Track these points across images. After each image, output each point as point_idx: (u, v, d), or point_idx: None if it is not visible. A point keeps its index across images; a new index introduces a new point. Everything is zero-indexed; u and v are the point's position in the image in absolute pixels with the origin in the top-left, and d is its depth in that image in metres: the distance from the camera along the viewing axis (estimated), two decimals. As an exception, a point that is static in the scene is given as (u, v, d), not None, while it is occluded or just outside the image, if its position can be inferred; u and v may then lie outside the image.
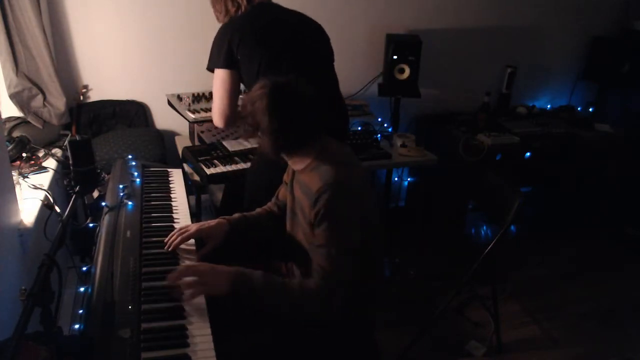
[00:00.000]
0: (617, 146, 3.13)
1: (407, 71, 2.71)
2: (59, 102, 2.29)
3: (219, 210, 2.47)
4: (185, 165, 2.25)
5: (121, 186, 1.66)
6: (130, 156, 1.97)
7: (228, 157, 2.21)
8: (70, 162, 1.59)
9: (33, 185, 1.85)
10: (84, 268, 1.54)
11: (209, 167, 2.12)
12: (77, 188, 1.56)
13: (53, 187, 1.94)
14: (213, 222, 1.52)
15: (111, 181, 1.75)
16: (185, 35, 2.56)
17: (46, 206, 1.68)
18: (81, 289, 1.38)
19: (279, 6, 1.98)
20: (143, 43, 2.53)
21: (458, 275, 2.12)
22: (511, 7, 3.13)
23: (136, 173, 1.83)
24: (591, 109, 3.42)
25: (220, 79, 1.87)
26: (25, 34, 2.11)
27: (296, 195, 1.47)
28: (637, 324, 2.48)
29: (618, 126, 3.17)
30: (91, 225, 1.62)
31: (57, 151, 2.21)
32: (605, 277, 2.86)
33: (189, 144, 2.48)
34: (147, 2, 2.46)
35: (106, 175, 1.79)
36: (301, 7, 2.01)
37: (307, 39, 1.96)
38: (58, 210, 1.56)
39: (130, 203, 1.59)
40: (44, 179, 1.95)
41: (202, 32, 2.15)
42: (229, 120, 1.88)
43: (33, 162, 2.02)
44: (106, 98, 2.56)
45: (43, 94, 2.24)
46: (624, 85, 3.27)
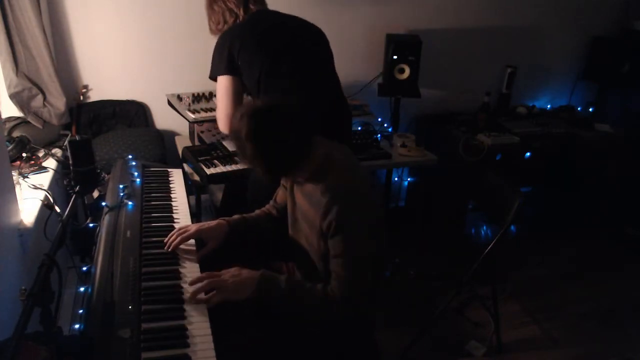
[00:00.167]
0: (617, 146, 3.13)
1: (407, 71, 2.71)
2: (59, 102, 2.29)
3: (219, 210, 2.47)
4: (185, 165, 2.25)
5: (121, 186, 1.66)
6: (130, 156, 1.97)
7: (228, 157, 2.21)
8: (70, 162, 1.59)
9: (33, 185, 1.85)
10: (84, 268, 1.54)
11: (209, 167, 2.12)
12: (77, 188, 1.56)
13: (53, 187, 1.94)
14: (213, 223, 1.53)
15: (111, 181, 1.75)
16: (185, 35, 2.56)
17: (46, 206, 1.68)
18: (81, 289, 1.38)
19: (277, 12, 1.99)
20: (143, 43, 2.53)
21: (458, 275, 2.12)
22: (511, 7, 3.13)
23: (136, 173, 1.83)
24: (591, 109, 3.42)
25: (223, 86, 1.89)
26: (25, 34, 2.11)
27: (298, 201, 1.46)
28: (637, 324, 2.48)
29: (618, 126, 3.16)
30: (91, 225, 1.62)
31: (57, 151, 2.21)
32: (605, 277, 2.86)
33: (189, 144, 2.48)
34: (147, 2, 2.46)
35: (106, 175, 1.79)
36: (301, 8, 2.02)
37: (307, 43, 1.97)
38: (58, 210, 1.56)
39: (130, 203, 1.59)
40: (44, 179, 1.95)
41: (202, 32, 2.15)
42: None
43: (33, 162, 2.02)
44: (106, 98, 2.56)
45: (43, 94, 2.24)
46: (624, 85, 3.27)
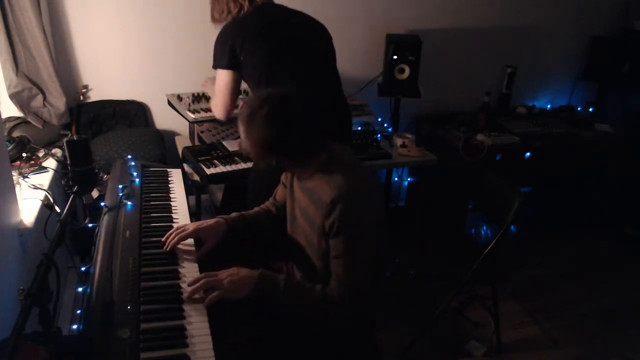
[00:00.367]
0: (617, 146, 3.13)
1: (407, 71, 2.71)
2: (59, 102, 2.29)
3: (219, 210, 2.47)
4: (185, 165, 2.25)
5: (120, 186, 1.66)
6: (130, 156, 1.97)
7: (228, 157, 2.21)
8: (68, 162, 1.59)
9: (33, 185, 1.85)
10: (84, 268, 1.55)
11: (209, 167, 2.12)
12: (75, 188, 1.56)
13: (53, 187, 1.94)
14: (211, 222, 1.52)
15: (111, 181, 1.75)
16: (185, 35, 2.56)
17: (46, 206, 1.68)
18: (80, 289, 1.38)
19: (281, 6, 1.99)
20: (143, 43, 2.53)
21: (458, 275, 2.12)
22: (511, 7, 3.13)
23: (136, 173, 1.83)
24: (591, 109, 3.41)
25: (223, 80, 1.94)
26: (25, 34, 2.11)
27: (297, 197, 1.46)
28: (637, 324, 2.48)
29: (618, 126, 3.16)
30: (90, 225, 1.62)
31: (57, 151, 2.21)
32: (605, 277, 2.86)
33: (189, 144, 2.48)
34: (147, 2, 2.46)
35: (105, 175, 1.79)
36: (302, 7, 2.01)
37: (309, 39, 1.97)
38: (58, 210, 1.56)
39: (129, 203, 1.58)
40: (44, 179, 1.95)
41: (202, 32, 2.16)
42: (230, 113, 2.04)
43: (33, 162, 2.02)
44: (106, 98, 2.56)
45: (43, 94, 2.25)
46: (624, 85, 3.27)
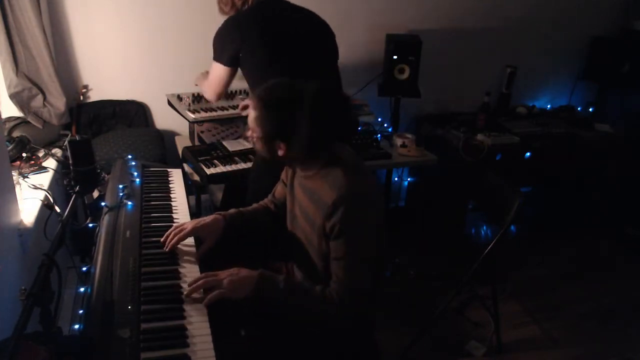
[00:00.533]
0: (617, 146, 3.13)
1: (407, 71, 2.71)
2: (59, 102, 2.29)
3: (219, 210, 2.47)
4: (185, 165, 2.25)
5: (121, 186, 1.66)
6: (130, 156, 1.97)
7: (228, 157, 2.21)
8: (70, 162, 1.59)
9: (33, 185, 1.85)
10: (84, 268, 1.54)
11: (209, 167, 2.12)
12: (77, 188, 1.56)
13: (53, 187, 1.94)
14: (209, 219, 1.51)
15: (111, 181, 1.75)
16: (185, 35, 2.56)
17: (46, 206, 1.68)
18: (81, 289, 1.38)
19: (285, 2, 1.99)
20: (143, 43, 2.53)
21: (458, 275, 2.12)
22: (511, 7, 3.13)
23: (136, 173, 1.83)
24: (591, 109, 3.42)
25: (219, 73, 2.00)
26: (25, 34, 2.11)
27: (298, 196, 1.46)
28: (637, 324, 2.48)
29: (618, 126, 3.16)
30: (91, 225, 1.62)
31: (57, 151, 2.21)
32: (605, 277, 2.86)
33: (189, 144, 2.48)
34: (147, 2, 2.46)
35: (106, 175, 1.79)
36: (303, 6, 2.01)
37: (311, 35, 1.98)
38: (58, 210, 1.56)
39: (130, 203, 1.58)
40: (44, 179, 1.95)
41: (202, 32, 2.15)
42: (220, 97, 2.15)
43: (33, 162, 2.02)
44: (106, 98, 2.56)
45: (43, 94, 2.24)
46: (624, 85, 3.27)
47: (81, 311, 1.33)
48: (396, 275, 2.75)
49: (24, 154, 2.04)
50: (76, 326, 1.32)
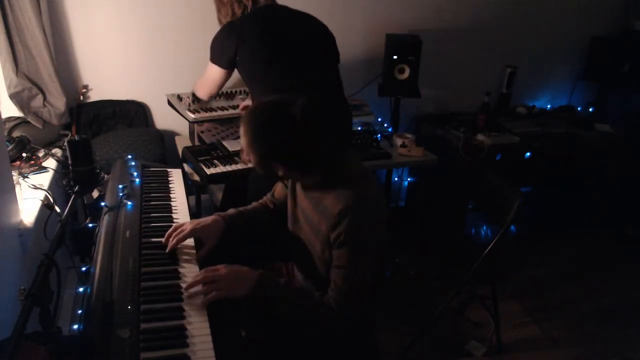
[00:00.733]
0: (617, 146, 3.13)
1: (407, 71, 2.71)
2: (59, 102, 2.29)
3: (219, 210, 2.47)
4: (185, 165, 2.25)
5: (121, 186, 1.66)
6: (130, 156, 1.96)
7: (228, 157, 2.21)
8: (69, 162, 1.59)
9: (33, 185, 1.85)
10: (84, 268, 1.55)
11: (209, 167, 2.12)
12: (77, 188, 1.56)
13: (53, 187, 1.94)
14: (209, 220, 1.50)
15: (111, 181, 1.75)
16: (185, 35, 2.56)
17: (46, 206, 1.68)
18: (81, 289, 1.38)
19: (284, 7, 1.99)
20: (143, 43, 2.53)
21: (458, 275, 2.12)
22: (511, 7, 3.13)
23: (136, 173, 1.83)
24: (591, 109, 3.41)
25: (214, 75, 2.05)
26: (25, 34, 2.11)
27: (300, 203, 1.45)
28: (637, 324, 2.48)
29: (618, 126, 3.16)
30: (91, 225, 1.62)
31: (57, 151, 2.21)
32: (605, 277, 2.86)
33: (189, 144, 2.48)
34: (147, 2, 2.45)
35: (106, 175, 1.79)
36: (302, 7, 2.01)
37: (312, 36, 1.98)
38: (58, 210, 1.56)
39: (129, 203, 1.58)
40: (44, 179, 1.94)
41: (202, 32, 2.15)
42: (212, 97, 2.29)
43: (33, 162, 2.02)
44: (106, 98, 2.56)
45: (43, 94, 2.24)
46: (624, 85, 3.27)
47: (81, 311, 1.33)
48: (396, 275, 2.75)
49: (24, 154, 2.03)
50: (76, 326, 1.32)
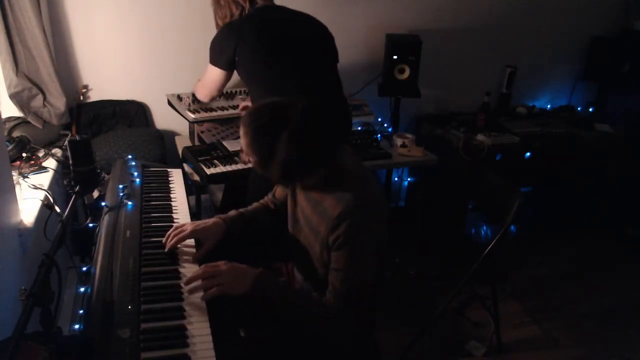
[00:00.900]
0: (617, 146, 3.13)
1: (407, 71, 2.71)
2: (59, 102, 2.29)
3: (219, 210, 2.47)
4: (185, 165, 2.25)
5: (121, 186, 1.66)
6: (130, 156, 1.96)
7: (228, 157, 2.21)
8: (70, 162, 1.59)
9: (33, 185, 1.85)
10: (84, 268, 1.55)
11: (209, 167, 2.12)
12: (77, 188, 1.56)
13: (53, 187, 1.94)
14: (209, 222, 1.50)
15: (111, 181, 1.75)
16: (185, 35, 2.56)
17: (46, 206, 1.68)
18: (81, 289, 1.38)
19: (282, 8, 1.99)
20: (143, 43, 2.53)
21: (458, 275, 2.12)
22: (511, 7, 3.13)
23: (136, 173, 1.83)
24: (591, 109, 3.42)
25: (214, 77, 2.03)
26: (25, 34, 2.11)
27: (300, 203, 1.44)
28: (637, 324, 2.48)
29: (618, 126, 3.16)
30: (91, 225, 1.62)
31: (57, 151, 2.21)
32: (605, 277, 2.86)
33: (189, 144, 2.48)
34: (148, 2, 2.46)
35: (106, 175, 1.79)
36: (302, 8, 2.02)
37: (311, 37, 1.98)
38: (58, 210, 1.56)
39: (130, 203, 1.58)
40: (44, 179, 1.94)
41: (202, 33, 2.16)
42: (213, 99, 2.25)
43: (33, 162, 2.02)
44: (106, 98, 2.56)
45: (43, 94, 2.24)
46: (624, 85, 3.27)
47: (81, 311, 1.33)
48: (396, 275, 2.75)
49: (24, 154, 2.04)
50: (76, 326, 1.32)
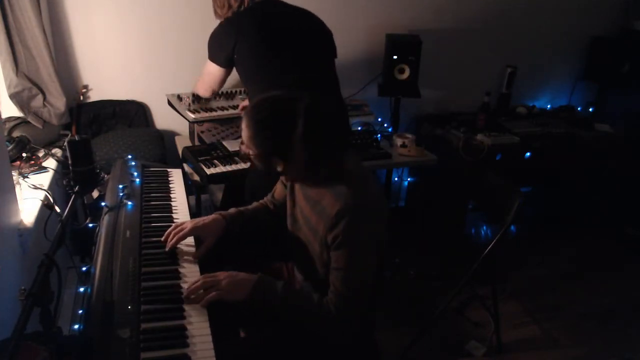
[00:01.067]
0: (617, 146, 3.13)
1: (407, 71, 2.71)
2: (59, 102, 2.29)
3: (219, 210, 2.47)
4: (185, 165, 2.25)
5: (121, 186, 1.66)
6: (130, 156, 1.96)
7: (228, 157, 2.21)
8: (69, 162, 1.59)
9: (33, 185, 1.85)
10: (84, 268, 1.55)
11: (209, 167, 2.12)
12: (77, 188, 1.56)
13: (53, 187, 1.94)
14: (209, 219, 1.50)
15: (111, 181, 1.75)
16: (185, 35, 2.56)
17: (46, 206, 1.68)
18: (81, 289, 1.38)
19: (282, 2, 1.99)
20: (143, 43, 2.53)
21: (458, 275, 2.12)
22: (510, 7, 3.13)
23: (136, 173, 1.83)
24: (591, 109, 3.41)
25: (213, 72, 2.05)
26: (25, 34, 2.11)
27: (299, 203, 1.44)
28: (637, 324, 2.48)
29: (618, 126, 3.16)
30: (91, 225, 1.62)
31: (57, 151, 2.21)
32: (605, 277, 2.86)
33: (189, 144, 2.48)
34: (147, 2, 2.46)
35: (106, 175, 1.79)
36: (301, 7, 2.01)
37: (310, 32, 1.98)
38: (58, 210, 1.56)
39: (129, 203, 1.58)
40: (44, 179, 1.95)
41: (202, 32, 2.15)
42: (215, 93, 2.23)
43: (33, 162, 2.02)
44: (106, 98, 2.56)
45: (43, 94, 2.24)
46: (624, 85, 3.27)
47: (81, 311, 1.33)
48: (396, 275, 2.75)
49: (24, 154, 2.04)
50: (76, 326, 1.32)
